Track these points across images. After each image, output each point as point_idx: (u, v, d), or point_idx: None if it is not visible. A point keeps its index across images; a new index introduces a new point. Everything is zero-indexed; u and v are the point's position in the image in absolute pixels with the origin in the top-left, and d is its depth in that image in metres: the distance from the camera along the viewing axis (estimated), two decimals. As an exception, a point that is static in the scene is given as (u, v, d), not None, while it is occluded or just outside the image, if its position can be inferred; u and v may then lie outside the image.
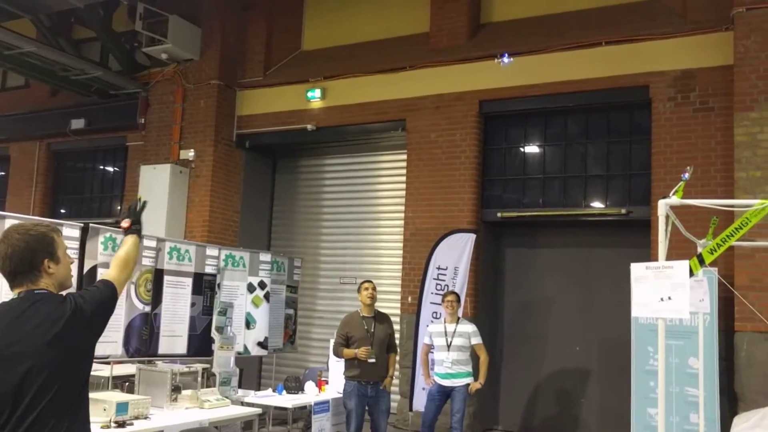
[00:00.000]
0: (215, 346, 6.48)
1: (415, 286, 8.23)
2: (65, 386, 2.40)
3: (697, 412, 5.78)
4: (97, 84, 10.60)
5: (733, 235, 3.91)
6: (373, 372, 6.45)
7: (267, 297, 7.83)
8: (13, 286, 2.50)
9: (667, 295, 3.90)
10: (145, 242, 6.45)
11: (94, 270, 5.90)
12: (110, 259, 5.99)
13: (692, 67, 7.46)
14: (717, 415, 6.30)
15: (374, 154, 9.88)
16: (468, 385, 6.78)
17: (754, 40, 6.83)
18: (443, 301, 7.11)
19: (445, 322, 7.01)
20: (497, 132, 8.78)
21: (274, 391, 6.77)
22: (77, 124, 11.17)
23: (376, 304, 6.63)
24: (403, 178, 9.02)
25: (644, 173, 7.77)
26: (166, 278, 6.64)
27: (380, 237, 9.63)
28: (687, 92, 7.45)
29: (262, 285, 7.76)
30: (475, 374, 6.92)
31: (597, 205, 8.17)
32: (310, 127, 9.66)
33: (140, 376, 5.77)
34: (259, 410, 6.09)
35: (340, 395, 6.84)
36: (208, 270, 7.06)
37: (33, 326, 2.38)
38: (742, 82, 6.83)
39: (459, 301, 7.15)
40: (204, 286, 6.98)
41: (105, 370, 6.56)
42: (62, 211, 11.87)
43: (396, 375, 7.07)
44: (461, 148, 8.58)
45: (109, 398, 5.01)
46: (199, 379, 5.86)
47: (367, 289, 6.63)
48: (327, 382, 7.07)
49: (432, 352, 7.00)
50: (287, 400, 6.44)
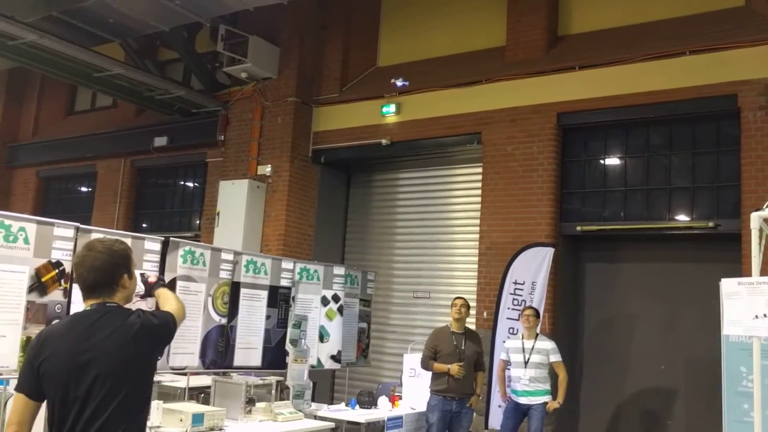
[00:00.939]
0: (289, 359, 6.51)
1: (491, 301, 8.07)
2: (130, 395, 2.49)
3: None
4: (179, 103, 10.97)
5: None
6: (460, 388, 6.51)
7: (341, 310, 7.84)
8: (88, 298, 2.61)
9: (762, 312, 3.68)
10: (223, 255, 6.57)
11: (173, 282, 6.04)
12: (189, 272, 6.16)
13: (784, 75, 7.07)
14: (818, 442, 5.86)
15: (448, 168, 9.79)
16: (546, 403, 6.59)
17: None
18: (521, 316, 6.97)
19: (522, 338, 6.86)
20: (576, 144, 8.56)
21: (347, 405, 6.75)
22: (160, 141, 11.56)
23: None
24: (478, 192, 8.90)
25: (733, 185, 7.39)
26: (243, 291, 6.73)
27: (454, 251, 9.51)
28: (778, 100, 7.06)
29: (335, 298, 7.78)
30: (554, 392, 6.72)
31: (682, 218, 7.82)
32: (384, 141, 9.68)
33: (216, 387, 5.86)
34: (332, 424, 6.08)
35: (414, 411, 6.79)
36: (284, 283, 7.12)
37: (104, 336, 2.49)
38: (840, 87, 6.41)
39: (538, 316, 6.96)
40: (279, 298, 7.04)
41: (181, 381, 6.68)
42: (144, 225, 12.27)
43: (475, 392, 6.93)
44: (539, 160, 8.40)
45: (185, 409, 5.09)
46: (273, 391, 5.91)
47: (455, 306, 6.75)
48: (401, 398, 7.00)
49: (508, 369, 6.85)
50: (360, 415, 6.39)
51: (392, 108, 9.67)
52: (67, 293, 5.20)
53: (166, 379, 6.87)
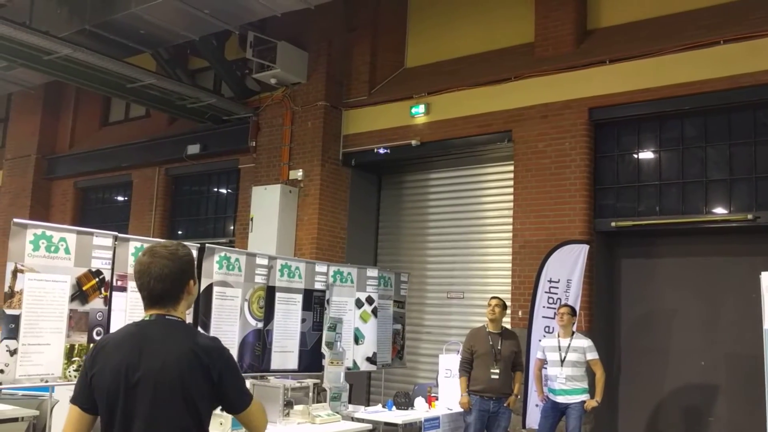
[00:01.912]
0: (325, 362, 6.55)
1: (526, 300, 8.02)
2: (179, 417, 2.30)
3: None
4: (211, 111, 11.10)
5: None
6: (497, 388, 6.51)
7: (375, 312, 7.86)
8: (151, 307, 2.42)
9: (804, 304, 3.58)
10: (258, 260, 6.63)
11: (210, 288, 6.12)
12: (225, 277, 6.24)
13: (823, 61, 6.91)
14: None
15: (479, 167, 9.76)
16: (584, 402, 6.53)
17: None
18: (556, 314, 6.93)
19: (558, 336, 6.81)
20: (608, 139, 8.46)
21: (383, 406, 6.76)
22: (193, 149, 11.71)
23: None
24: (510, 190, 8.85)
25: (772, 176, 7.25)
26: (278, 295, 6.78)
27: (488, 250, 9.47)
28: (817, 87, 6.91)
29: (369, 300, 7.80)
30: (591, 391, 6.65)
31: (719, 211, 7.69)
32: (414, 142, 9.68)
33: (254, 391, 5.90)
34: (369, 426, 6.10)
35: (451, 411, 6.78)
36: (318, 286, 7.16)
37: (158, 352, 2.31)
38: None
39: (574, 314, 6.90)
40: (314, 302, 7.08)
41: (221, 385, 6.75)
42: (179, 232, 12.44)
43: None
44: (571, 156, 8.32)
45: (225, 413, 5.14)
46: (311, 394, 5.94)
47: (489, 305, 6.80)
48: (437, 398, 7.00)
49: (545, 368, 6.81)
50: (397, 416, 6.40)
51: (421, 108, 9.67)
52: (108, 301, 5.31)
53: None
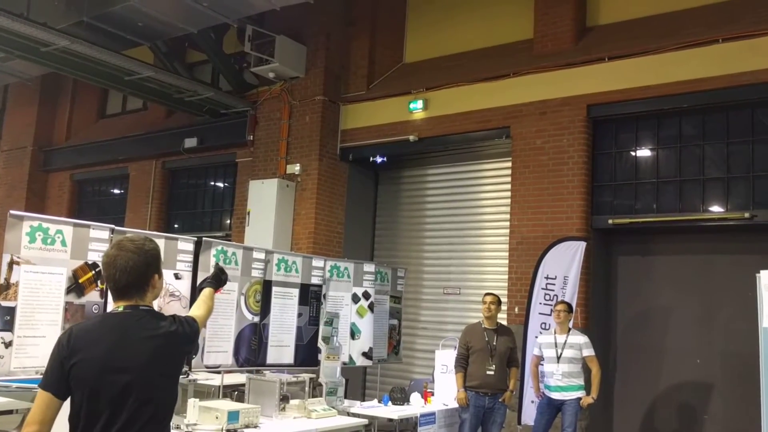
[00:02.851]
0: (322, 356, 6.55)
1: (522, 297, 8.03)
2: (160, 404, 2.49)
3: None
4: (208, 104, 11.08)
5: None
6: (492, 384, 6.51)
7: (371, 307, 7.85)
8: (119, 299, 2.55)
9: (801, 303, 3.59)
10: (254, 254, 6.62)
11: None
12: (222, 270, 6.21)
13: (821, 59, 6.91)
14: None
15: (477, 163, 9.75)
16: (580, 398, 6.55)
17: None
18: (553, 311, 6.93)
19: (555, 333, 6.82)
20: (606, 136, 8.46)
21: (379, 401, 6.77)
22: (190, 142, 11.70)
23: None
24: (508, 186, 8.84)
25: (769, 175, 7.26)
26: (275, 289, 6.76)
27: (484, 246, 9.48)
28: (816, 86, 6.91)
29: (366, 295, 7.79)
30: (587, 387, 6.66)
31: (717, 209, 7.69)
32: (412, 138, 9.66)
33: (250, 385, 5.91)
34: (365, 421, 6.10)
35: (447, 407, 6.79)
36: (314, 281, 7.15)
37: (140, 343, 2.47)
38: None
39: (570, 311, 6.91)
40: (310, 296, 7.07)
41: (216, 380, 6.76)
42: (176, 225, 12.43)
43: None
44: (569, 153, 8.32)
45: (221, 407, 5.14)
46: (307, 388, 5.94)
47: (485, 303, 6.77)
48: (433, 394, 7.00)
49: (542, 364, 6.82)
50: (393, 412, 6.40)
51: (419, 104, 9.66)
52: (104, 294, 5.29)
53: (200, 377, 6.96)
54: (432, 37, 10.39)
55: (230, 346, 6.24)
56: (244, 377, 6.37)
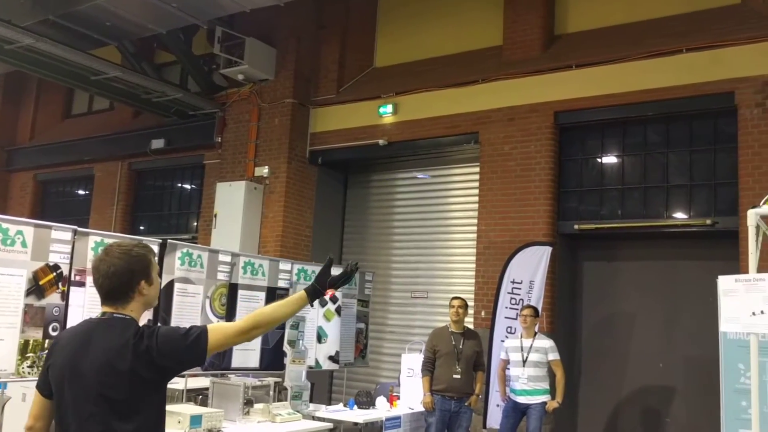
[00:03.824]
0: (287, 360, 6.51)
1: (489, 301, 8.07)
2: (117, 416, 2.34)
3: (795, 436, 5.39)
4: (176, 105, 10.97)
5: (830, 245, 3.64)
6: (458, 388, 6.54)
7: (338, 311, 7.83)
8: (103, 304, 2.50)
9: (760, 309, 3.68)
10: (220, 257, 6.57)
11: (171, 284, 6.03)
12: (187, 273, 6.16)
13: (781, 72, 7.08)
14: (817, 439, 5.86)
15: (446, 168, 9.79)
16: (545, 402, 6.60)
17: None
18: (519, 315, 6.98)
19: (521, 337, 6.87)
20: (573, 143, 8.56)
21: (345, 405, 6.74)
22: (157, 144, 11.56)
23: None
24: (476, 191, 8.89)
25: (731, 182, 7.39)
26: (240, 292, 6.72)
27: (452, 251, 9.51)
28: (775, 98, 7.08)
29: (333, 299, 7.76)
30: (553, 391, 6.72)
31: (680, 215, 7.82)
32: (381, 142, 9.68)
33: (214, 389, 5.85)
34: (330, 425, 6.08)
35: (412, 411, 6.79)
36: (281, 284, 7.11)
37: (97, 352, 2.38)
38: (836, 84, 6.42)
39: (536, 315, 6.97)
40: (277, 300, 7.02)
41: (179, 383, 6.67)
42: (141, 227, 12.28)
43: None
44: (536, 159, 8.40)
45: (183, 411, 5.08)
46: (271, 392, 5.90)
47: (453, 307, 6.81)
48: (398, 398, 7.00)
49: (508, 368, 6.86)
50: (358, 416, 6.39)
51: (389, 108, 9.67)
52: (65, 296, 5.19)
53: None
54: (402, 42, 10.42)
55: (194, 349, 6.16)
56: (208, 381, 6.30)
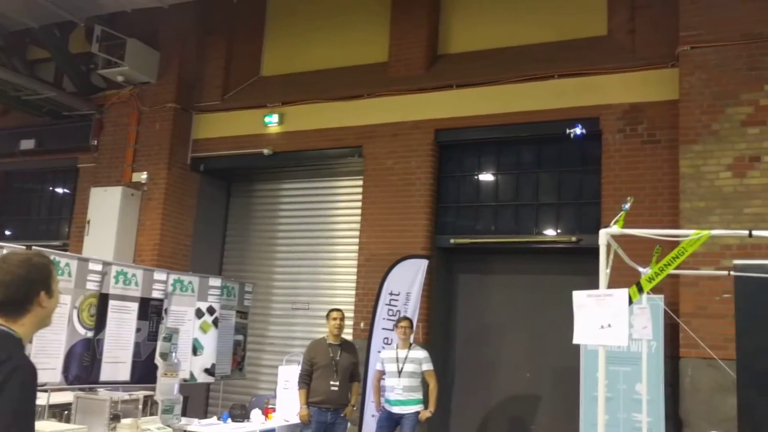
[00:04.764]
0: (159, 373, 6.33)
1: (368, 312, 8.18)
2: None
3: (643, 440, 5.81)
4: (49, 105, 10.44)
5: (670, 264, 3.96)
6: (335, 399, 6.58)
7: (216, 323, 7.70)
8: None
9: (607, 322, 3.93)
10: (90, 266, 6.33)
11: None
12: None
13: (641, 101, 7.63)
14: (663, 442, 6.34)
15: (331, 180, 9.86)
16: (418, 412, 6.75)
17: (698, 77, 7.02)
18: (396, 326, 7.12)
19: (397, 348, 7.00)
20: (452, 160, 8.85)
21: (219, 419, 6.63)
22: (27, 144, 10.93)
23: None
24: (359, 204, 9.01)
25: (594, 202, 7.89)
26: (111, 303, 6.51)
27: (335, 262, 9.58)
28: (635, 125, 7.62)
29: (210, 310, 7.64)
30: (426, 401, 6.89)
31: (548, 232, 8.26)
32: (266, 151, 9.61)
33: (77, 404, 5.62)
34: (202, 439, 5.97)
35: (287, 423, 6.78)
36: (156, 295, 6.94)
37: None
38: (687, 116, 7.00)
39: (412, 327, 7.13)
40: (150, 311, 6.85)
41: (42, 399, 6.34)
42: (7, 232, 11.58)
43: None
44: (417, 175, 8.62)
45: (44, 428, 4.85)
46: (140, 407, 5.72)
47: (335, 319, 6.83)
48: (274, 410, 6.96)
49: (383, 379, 6.97)
50: (232, 429, 6.31)
51: (275, 118, 9.64)
52: None
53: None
54: (290, 52, 10.40)
55: (59, 362, 5.92)
56: (71, 396, 6.03)
